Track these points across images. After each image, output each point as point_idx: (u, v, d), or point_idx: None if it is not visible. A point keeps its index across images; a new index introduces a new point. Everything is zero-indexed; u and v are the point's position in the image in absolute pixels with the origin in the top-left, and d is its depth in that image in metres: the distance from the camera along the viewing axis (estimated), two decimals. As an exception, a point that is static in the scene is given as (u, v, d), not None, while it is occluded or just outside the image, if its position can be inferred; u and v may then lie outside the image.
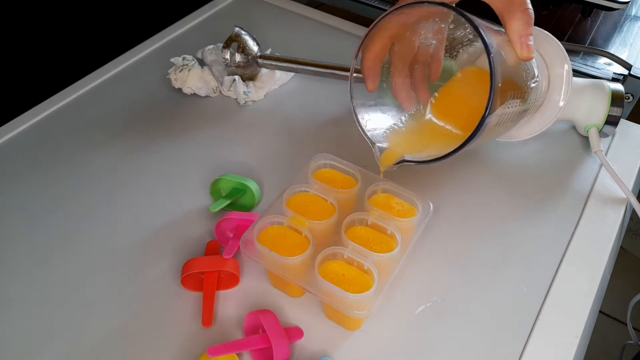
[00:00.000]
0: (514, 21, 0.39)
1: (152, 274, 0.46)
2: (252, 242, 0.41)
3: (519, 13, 0.39)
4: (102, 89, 0.66)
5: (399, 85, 0.46)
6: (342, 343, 0.42)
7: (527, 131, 0.54)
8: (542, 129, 0.53)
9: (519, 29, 0.39)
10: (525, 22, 0.39)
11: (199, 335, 0.42)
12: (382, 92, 0.46)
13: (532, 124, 0.53)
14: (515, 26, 0.39)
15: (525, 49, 0.39)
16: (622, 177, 0.52)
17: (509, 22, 0.39)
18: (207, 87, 0.63)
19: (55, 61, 0.70)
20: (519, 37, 0.39)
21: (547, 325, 0.43)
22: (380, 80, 0.44)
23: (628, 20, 0.77)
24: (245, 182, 0.50)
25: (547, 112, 0.52)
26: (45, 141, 0.59)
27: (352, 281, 0.40)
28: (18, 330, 0.43)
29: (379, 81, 0.44)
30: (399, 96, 0.46)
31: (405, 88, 0.46)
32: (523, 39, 0.39)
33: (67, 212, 0.51)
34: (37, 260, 0.48)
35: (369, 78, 0.43)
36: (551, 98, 0.52)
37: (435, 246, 0.48)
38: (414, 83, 0.47)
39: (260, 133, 0.60)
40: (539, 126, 0.53)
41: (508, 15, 0.39)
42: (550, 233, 0.49)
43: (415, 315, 0.43)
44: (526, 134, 0.54)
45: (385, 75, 0.45)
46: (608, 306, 1.23)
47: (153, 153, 0.57)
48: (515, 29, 0.39)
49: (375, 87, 0.44)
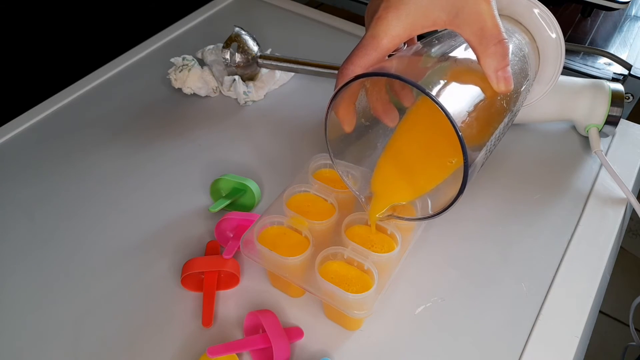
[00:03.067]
0: (487, 56, 0.36)
1: (152, 274, 0.46)
2: (252, 242, 0.41)
3: (492, 47, 0.35)
4: (102, 89, 0.66)
5: (379, 107, 0.43)
6: (342, 343, 0.42)
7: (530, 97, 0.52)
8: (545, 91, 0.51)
9: (493, 63, 0.36)
10: (500, 56, 0.36)
11: (199, 335, 0.42)
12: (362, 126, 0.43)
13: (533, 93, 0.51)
14: (489, 62, 0.36)
15: (502, 82, 0.36)
16: (622, 177, 0.52)
17: (481, 57, 0.36)
18: (207, 87, 0.63)
19: (55, 61, 0.70)
20: (494, 72, 0.36)
21: (547, 325, 0.43)
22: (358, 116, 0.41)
23: (628, 20, 0.77)
24: (245, 182, 0.50)
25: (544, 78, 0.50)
26: (45, 141, 0.59)
27: (352, 281, 0.40)
28: (18, 330, 0.43)
29: (355, 120, 0.41)
30: (380, 115, 0.43)
31: (386, 107, 0.43)
32: (499, 72, 0.36)
33: (66, 212, 0.51)
34: (37, 260, 0.48)
35: (345, 122, 0.40)
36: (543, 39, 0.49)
37: (435, 246, 0.48)
38: (395, 93, 0.43)
39: (260, 133, 0.59)
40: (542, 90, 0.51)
41: (480, 48, 0.36)
42: (550, 233, 0.49)
43: (415, 315, 0.43)
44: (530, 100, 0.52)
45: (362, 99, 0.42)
46: (608, 306, 1.23)
47: (153, 153, 0.57)
48: (489, 64, 0.36)
49: (353, 127, 0.41)
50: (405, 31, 0.36)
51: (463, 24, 0.36)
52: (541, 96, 0.52)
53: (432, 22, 0.36)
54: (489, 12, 0.36)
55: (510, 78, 0.36)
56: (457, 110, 0.34)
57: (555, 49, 0.49)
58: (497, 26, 0.36)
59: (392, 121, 0.43)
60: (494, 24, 0.35)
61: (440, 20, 0.36)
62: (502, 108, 0.40)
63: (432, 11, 0.36)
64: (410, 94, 0.44)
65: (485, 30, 0.35)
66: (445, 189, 0.39)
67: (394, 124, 0.44)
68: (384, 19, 0.36)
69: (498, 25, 0.36)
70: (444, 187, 0.40)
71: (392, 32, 0.36)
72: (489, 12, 0.36)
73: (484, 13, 0.35)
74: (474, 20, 0.35)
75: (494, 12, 0.36)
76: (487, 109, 0.38)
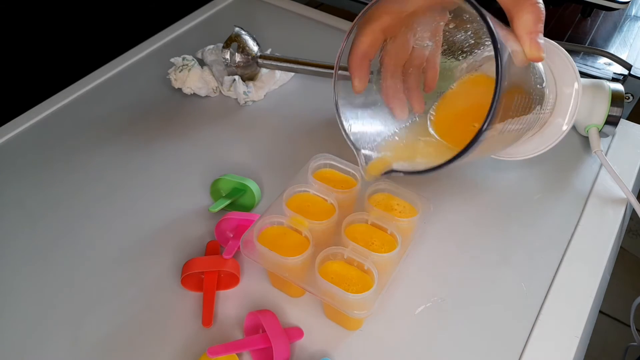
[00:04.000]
0: (523, 14, 0.35)
1: (152, 274, 0.46)
2: (252, 242, 0.41)
3: (528, 7, 0.35)
4: (102, 89, 0.66)
5: (390, 89, 0.42)
6: (342, 343, 0.42)
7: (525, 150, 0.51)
8: (541, 150, 0.50)
9: (527, 23, 0.35)
10: (535, 17, 0.35)
11: (199, 335, 0.42)
12: (371, 94, 0.42)
13: (531, 144, 0.51)
14: (523, 20, 0.35)
15: (535, 46, 0.35)
16: (622, 177, 0.52)
17: (516, 16, 0.35)
18: (207, 87, 0.63)
19: (55, 61, 0.70)
20: (528, 34, 0.35)
21: (547, 325, 0.43)
22: (370, 82, 0.41)
23: (628, 20, 0.77)
24: (245, 182, 0.50)
25: (548, 133, 0.50)
26: (45, 141, 0.59)
27: (352, 281, 0.40)
28: (18, 330, 0.43)
29: (367, 81, 0.40)
30: (390, 102, 0.42)
31: (398, 94, 0.42)
32: (532, 34, 0.35)
33: (67, 212, 0.51)
34: (37, 260, 0.48)
35: (356, 76, 0.39)
36: (554, 120, 0.49)
37: (435, 246, 0.48)
38: (408, 89, 0.43)
39: (260, 133, 0.59)
40: (538, 147, 0.50)
41: (516, 8, 0.35)
42: (550, 233, 0.49)
43: (415, 315, 0.43)
44: (524, 154, 0.51)
45: (375, 76, 0.42)
46: (608, 306, 1.23)
47: (153, 153, 0.57)
48: (524, 23, 0.35)
49: (363, 88, 0.40)
50: None
51: None
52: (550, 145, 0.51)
53: None
54: None
55: (541, 46, 0.35)
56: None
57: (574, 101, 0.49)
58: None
59: (401, 112, 0.42)
60: None
61: None
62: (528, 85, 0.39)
63: None
64: (421, 98, 0.43)
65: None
66: None
67: (402, 117, 0.42)
68: None
69: None
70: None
71: None
72: None
73: None
74: None
75: None
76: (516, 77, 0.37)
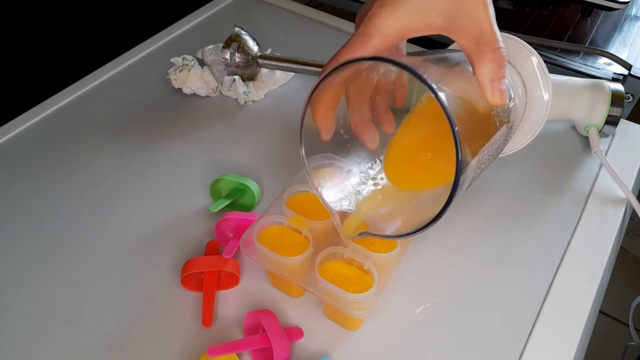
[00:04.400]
0: (483, 64, 0.34)
1: (152, 274, 0.46)
2: (252, 242, 0.41)
3: (488, 54, 0.34)
4: (102, 89, 0.66)
5: (359, 125, 0.40)
6: (342, 343, 0.42)
7: (518, 141, 0.50)
8: (534, 134, 0.49)
9: (489, 72, 0.34)
10: (496, 65, 0.34)
11: (199, 335, 0.42)
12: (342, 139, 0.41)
13: (521, 132, 0.49)
14: (484, 70, 0.34)
15: (498, 94, 0.34)
16: (622, 177, 0.52)
17: (477, 65, 0.34)
18: (207, 87, 0.63)
19: (55, 61, 0.70)
20: (490, 82, 0.34)
21: (547, 325, 0.43)
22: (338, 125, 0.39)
23: (628, 20, 0.77)
24: (245, 182, 0.50)
25: (534, 113, 0.48)
26: (45, 141, 0.59)
27: (352, 281, 0.40)
28: (18, 330, 0.43)
29: (334, 128, 0.38)
30: (360, 136, 0.41)
31: (367, 126, 0.41)
32: (495, 83, 0.34)
33: (67, 212, 0.51)
34: (37, 261, 0.48)
35: (323, 129, 0.38)
36: (533, 97, 0.47)
37: (435, 246, 0.48)
38: (377, 115, 0.41)
39: (260, 133, 0.59)
40: (529, 132, 0.49)
41: (476, 56, 0.34)
42: (550, 233, 0.49)
43: (415, 315, 0.43)
44: (518, 144, 0.50)
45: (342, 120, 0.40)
46: (608, 306, 1.23)
47: (153, 153, 0.57)
48: (485, 73, 0.34)
49: (331, 136, 0.39)
50: (397, 31, 0.34)
51: (460, 30, 0.34)
52: (520, 147, 0.49)
53: (426, 25, 0.35)
54: (487, 19, 0.34)
55: (505, 92, 0.35)
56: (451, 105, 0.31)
57: (541, 106, 0.47)
58: (495, 34, 0.34)
59: (372, 142, 0.41)
60: (491, 31, 0.34)
61: (435, 25, 0.34)
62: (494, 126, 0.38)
63: (429, 14, 0.34)
64: (392, 118, 0.42)
65: (482, 37, 0.34)
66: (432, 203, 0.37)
67: (374, 146, 0.41)
68: (377, 16, 0.34)
69: (495, 34, 0.34)
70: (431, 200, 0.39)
71: (384, 30, 0.34)
72: (487, 19, 0.34)
73: (482, 20, 0.34)
74: (471, 26, 0.34)
75: (492, 20, 0.34)
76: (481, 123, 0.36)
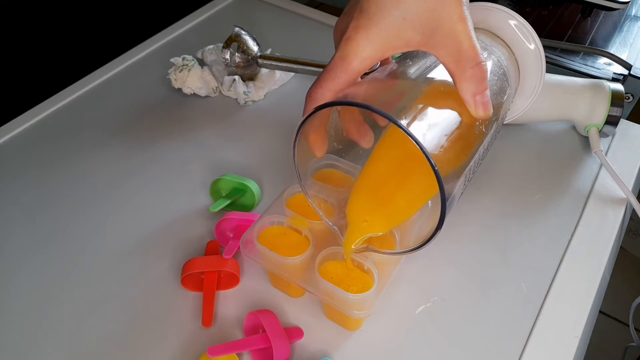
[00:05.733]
0: (464, 80, 0.34)
1: (152, 274, 0.46)
2: (252, 242, 0.41)
3: (469, 70, 0.34)
4: (102, 89, 0.66)
5: (352, 129, 0.40)
6: (342, 343, 0.42)
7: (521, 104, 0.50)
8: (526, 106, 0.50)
9: (471, 87, 0.34)
10: (478, 79, 0.34)
11: (199, 335, 0.42)
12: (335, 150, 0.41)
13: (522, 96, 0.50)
14: (466, 85, 0.34)
15: (481, 108, 0.34)
16: (622, 177, 0.52)
17: (458, 80, 0.34)
18: (207, 87, 0.63)
19: (55, 61, 0.70)
20: (472, 97, 0.34)
21: (547, 325, 0.43)
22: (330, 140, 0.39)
23: (628, 20, 0.77)
24: (245, 182, 0.50)
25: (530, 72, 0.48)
26: (45, 141, 0.59)
27: (352, 281, 0.40)
28: (17, 330, 0.43)
29: (327, 145, 0.38)
30: (355, 138, 0.41)
31: (360, 128, 0.40)
32: (477, 97, 0.34)
33: (67, 212, 0.51)
34: (37, 260, 0.48)
35: (317, 147, 0.38)
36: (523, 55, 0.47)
37: (435, 246, 0.48)
38: (370, 114, 0.41)
39: (260, 133, 0.59)
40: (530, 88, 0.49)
41: (457, 71, 0.34)
42: (550, 233, 0.49)
43: (415, 315, 0.43)
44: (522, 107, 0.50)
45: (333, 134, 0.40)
46: (608, 306, 1.23)
47: (153, 153, 0.57)
48: (467, 88, 0.34)
49: (324, 152, 0.39)
50: (376, 53, 0.34)
51: (438, 45, 0.34)
52: (523, 110, 0.50)
53: (404, 43, 0.34)
54: (465, 32, 0.34)
55: (488, 103, 0.35)
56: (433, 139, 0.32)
57: (535, 61, 0.48)
58: (474, 48, 0.34)
59: (368, 143, 0.41)
60: (470, 45, 0.34)
61: (413, 41, 0.34)
62: (480, 133, 0.38)
63: (405, 31, 0.34)
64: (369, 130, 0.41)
65: (462, 52, 0.34)
66: (425, 219, 0.37)
67: (369, 146, 0.41)
68: (353, 40, 0.34)
69: (475, 47, 0.34)
70: (423, 217, 0.38)
71: (363, 53, 0.34)
72: (465, 32, 0.34)
73: (460, 34, 0.34)
74: (449, 41, 0.34)
75: (470, 33, 0.34)
76: (466, 136, 0.36)
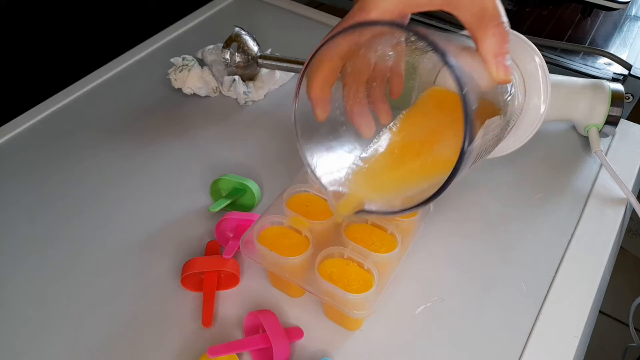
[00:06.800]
0: (487, 38, 0.33)
1: (152, 274, 0.46)
2: (252, 242, 0.41)
3: (492, 28, 0.33)
4: (102, 89, 0.66)
5: (354, 109, 0.40)
6: (342, 343, 0.42)
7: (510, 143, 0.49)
8: (527, 137, 0.48)
9: (493, 47, 0.33)
10: (500, 39, 0.33)
11: (199, 335, 0.42)
12: (337, 121, 0.40)
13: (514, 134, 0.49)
14: (488, 44, 0.33)
15: (502, 70, 0.34)
16: (622, 177, 0.52)
17: (481, 39, 0.34)
18: (207, 87, 0.63)
19: (55, 61, 0.70)
20: (494, 57, 0.33)
21: (547, 325, 0.43)
22: (333, 106, 0.38)
23: (628, 20, 0.77)
24: (245, 182, 0.50)
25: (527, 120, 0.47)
26: (45, 141, 0.59)
27: (352, 281, 0.40)
28: (17, 330, 0.43)
29: (330, 108, 0.37)
30: (355, 121, 0.40)
31: (363, 111, 0.40)
32: (499, 58, 0.33)
33: (67, 212, 0.51)
34: (37, 260, 0.48)
35: (319, 106, 0.37)
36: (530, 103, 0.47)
37: (435, 246, 0.48)
38: (373, 103, 0.41)
39: (260, 133, 0.59)
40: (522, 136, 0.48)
41: (480, 31, 0.33)
42: (550, 233, 0.49)
43: (415, 315, 0.43)
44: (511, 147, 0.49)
45: (338, 100, 0.39)
46: (608, 306, 1.23)
47: (153, 153, 0.57)
48: (489, 47, 0.33)
49: (326, 115, 0.38)
50: (397, 6, 0.33)
51: (462, 4, 0.33)
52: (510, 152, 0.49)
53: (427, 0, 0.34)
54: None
55: (509, 68, 0.34)
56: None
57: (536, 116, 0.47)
58: (497, 8, 0.34)
59: (367, 129, 0.40)
60: (494, 5, 0.34)
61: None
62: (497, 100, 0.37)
63: None
64: (388, 107, 0.41)
65: (485, 11, 0.33)
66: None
67: (368, 134, 0.41)
68: None
69: (498, 7, 0.34)
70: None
71: (383, 5, 0.33)
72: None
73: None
74: (473, 1, 0.33)
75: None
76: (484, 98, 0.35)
